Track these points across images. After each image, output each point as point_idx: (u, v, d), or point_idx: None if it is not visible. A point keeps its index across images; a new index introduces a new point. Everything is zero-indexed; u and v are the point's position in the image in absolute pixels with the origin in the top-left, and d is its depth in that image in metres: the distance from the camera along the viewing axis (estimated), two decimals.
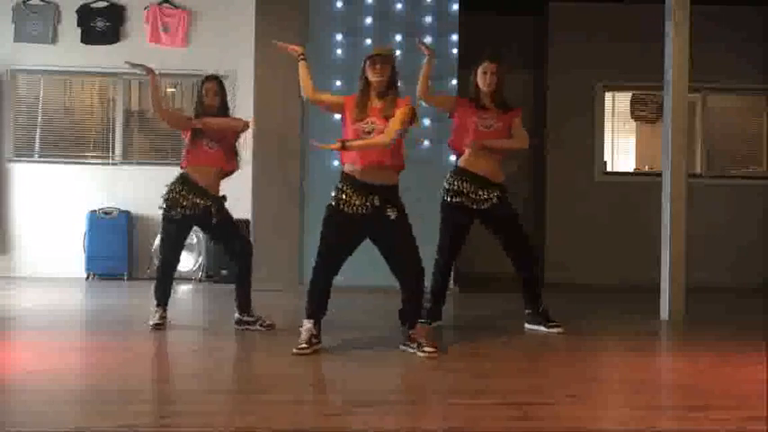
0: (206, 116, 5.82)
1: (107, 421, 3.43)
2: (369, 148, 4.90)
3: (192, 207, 5.76)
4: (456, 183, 5.76)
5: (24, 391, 4.00)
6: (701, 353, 5.31)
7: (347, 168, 5.00)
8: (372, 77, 4.96)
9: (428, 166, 8.06)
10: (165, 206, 5.81)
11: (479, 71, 5.80)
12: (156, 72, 5.82)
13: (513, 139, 5.86)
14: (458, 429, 3.43)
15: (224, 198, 5.92)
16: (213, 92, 5.85)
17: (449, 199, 5.78)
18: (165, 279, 5.89)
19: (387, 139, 4.86)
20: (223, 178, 5.93)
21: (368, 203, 4.91)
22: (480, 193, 5.74)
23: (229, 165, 5.89)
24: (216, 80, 5.92)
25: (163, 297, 5.85)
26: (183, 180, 5.82)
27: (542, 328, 5.88)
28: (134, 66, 5.87)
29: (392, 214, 4.92)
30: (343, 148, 4.86)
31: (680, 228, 6.69)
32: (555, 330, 5.84)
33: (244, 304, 5.87)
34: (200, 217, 5.81)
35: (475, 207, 5.75)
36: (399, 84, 5.14)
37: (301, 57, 5.25)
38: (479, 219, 5.85)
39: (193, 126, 5.80)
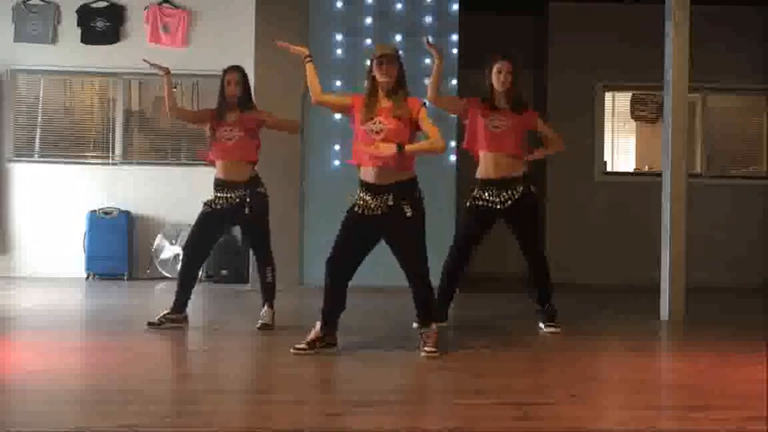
0: (229, 107, 5.81)
1: (107, 421, 3.44)
2: (423, 154, 4.97)
3: (224, 201, 5.77)
4: (479, 193, 5.80)
5: (24, 391, 4.00)
6: (701, 353, 5.31)
7: (361, 174, 5.00)
8: (380, 78, 4.94)
9: (428, 166, 8.03)
10: (204, 203, 5.85)
11: (494, 70, 5.76)
12: (151, 72, 5.84)
13: (551, 144, 5.94)
14: (458, 429, 3.43)
15: (258, 179, 5.90)
16: (236, 81, 5.81)
17: (468, 204, 5.85)
18: (181, 278, 5.84)
19: (442, 144, 4.96)
20: (253, 166, 5.94)
21: (382, 204, 4.90)
22: (504, 194, 5.75)
23: (250, 156, 5.89)
24: (238, 70, 5.88)
25: (177, 296, 5.81)
26: (214, 183, 5.86)
27: (541, 326, 5.88)
28: (152, 65, 5.88)
29: (408, 211, 4.90)
30: (400, 150, 4.79)
31: (680, 228, 6.68)
32: (549, 330, 5.83)
33: (263, 297, 5.92)
34: (234, 211, 5.79)
35: (499, 207, 5.76)
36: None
37: (308, 59, 5.22)
38: (503, 217, 5.85)
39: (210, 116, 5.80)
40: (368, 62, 5.10)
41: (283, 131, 6.31)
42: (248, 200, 5.79)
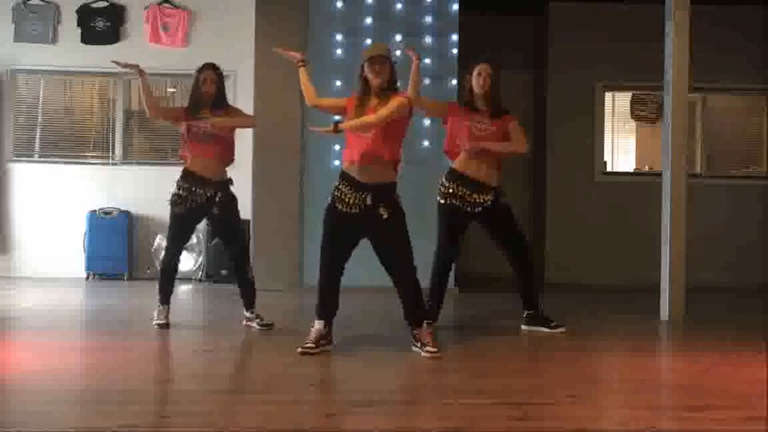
0: (203, 105, 5.82)
1: (107, 421, 3.44)
2: (359, 129, 4.93)
3: (195, 198, 5.78)
4: (450, 186, 5.74)
5: (24, 391, 4.01)
6: (701, 353, 5.32)
7: (345, 167, 5.03)
8: (373, 79, 4.96)
9: (427, 166, 8.05)
10: (170, 203, 5.84)
11: (474, 73, 5.78)
12: (146, 72, 5.84)
13: (512, 142, 5.80)
14: (458, 429, 3.43)
15: (230, 181, 5.93)
16: (211, 80, 5.83)
17: (443, 201, 5.77)
18: (165, 276, 5.91)
19: (374, 119, 4.88)
20: (226, 166, 5.96)
21: (360, 203, 4.93)
22: (475, 196, 5.72)
23: (226, 154, 5.92)
24: (213, 68, 5.90)
25: (164, 295, 5.87)
26: (185, 175, 5.84)
27: (544, 329, 5.87)
28: (123, 66, 5.86)
29: (384, 213, 4.92)
30: (336, 129, 4.88)
31: (680, 228, 6.68)
32: (558, 330, 5.84)
33: (245, 302, 5.93)
34: (205, 206, 5.81)
35: (469, 210, 5.75)
36: (398, 83, 5.15)
37: (300, 63, 5.25)
38: (476, 220, 5.84)
39: (190, 123, 5.80)
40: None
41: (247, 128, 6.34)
42: (218, 199, 5.80)
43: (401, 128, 5.05)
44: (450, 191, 5.73)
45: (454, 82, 8.39)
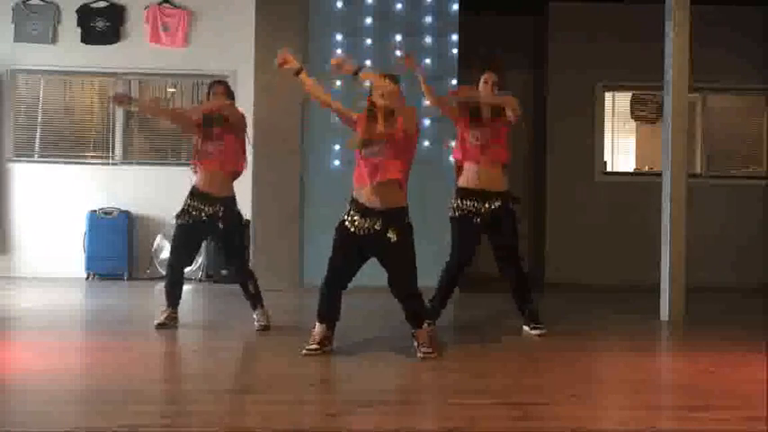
0: (215, 120, 5.86)
1: (107, 421, 3.44)
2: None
3: (200, 213, 5.81)
4: (459, 202, 5.82)
5: (24, 391, 4.01)
6: (701, 353, 5.32)
7: (354, 191, 5.02)
8: (379, 101, 4.93)
9: (428, 167, 8.06)
10: (177, 214, 5.89)
11: (481, 80, 5.82)
12: (134, 104, 5.94)
13: (500, 97, 5.79)
14: (458, 429, 3.44)
15: (233, 199, 5.94)
16: (222, 92, 5.89)
17: (455, 214, 5.84)
18: (171, 283, 5.92)
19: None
20: (234, 179, 5.97)
21: (369, 227, 4.93)
22: (485, 205, 5.76)
23: (236, 165, 5.95)
24: (225, 85, 6.01)
25: (169, 299, 5.89)
26: (192, 192, 5.89)
27: (526, 329, 5.85)
28: (117, 104, 5.87)
29: (393, 237, 4.92)
30: (356, 72, 5.02)
31: (680, 228, 6.68)
32: (536, 332, 5.78)
33: (251, 304, 5.95)
34: (209, 223, 5.84)
35: (480, 221, 5.78)
36: (402, 86, 5.14)
37: (297, 72, 5.19)
38: (485, 231, 5.85)
39: (197, 123, 5.83)
40: (367, 83, 5.10)
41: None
42: (221, 215, 5.82)
43: (410, 147, 5.03)
44: (460, 206, 5.82)
45: (454, 82, 8.39)
